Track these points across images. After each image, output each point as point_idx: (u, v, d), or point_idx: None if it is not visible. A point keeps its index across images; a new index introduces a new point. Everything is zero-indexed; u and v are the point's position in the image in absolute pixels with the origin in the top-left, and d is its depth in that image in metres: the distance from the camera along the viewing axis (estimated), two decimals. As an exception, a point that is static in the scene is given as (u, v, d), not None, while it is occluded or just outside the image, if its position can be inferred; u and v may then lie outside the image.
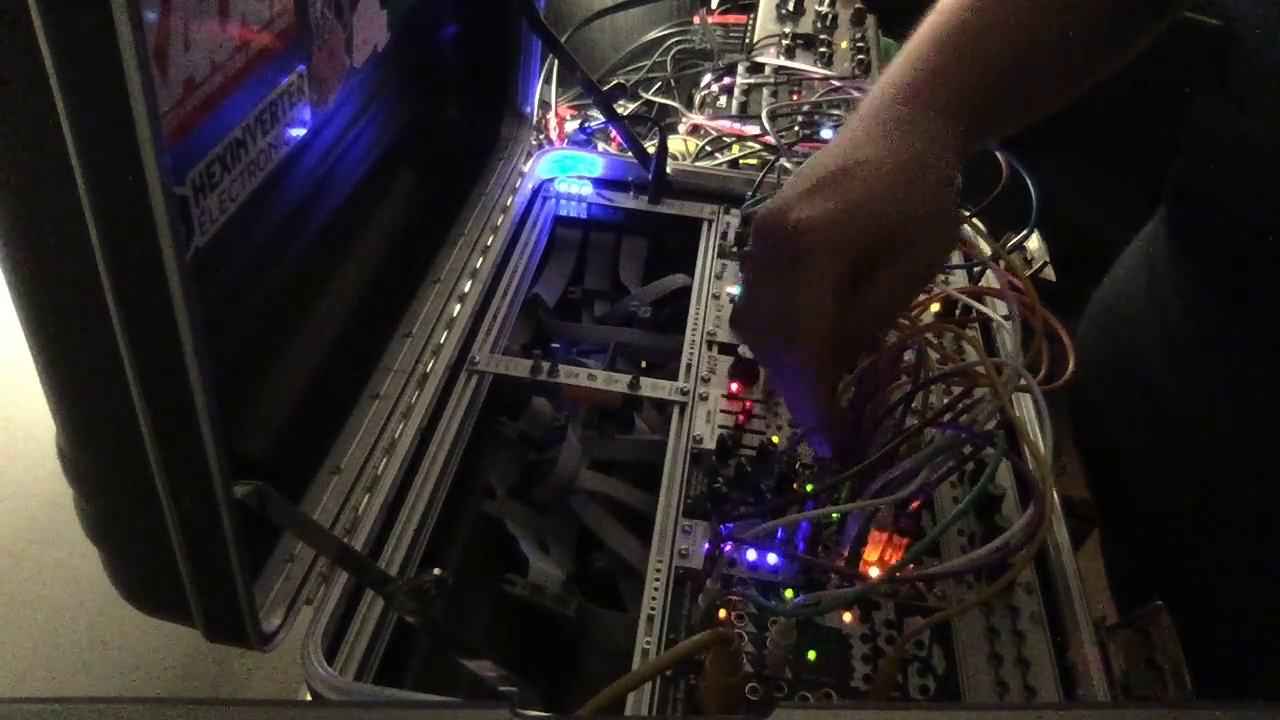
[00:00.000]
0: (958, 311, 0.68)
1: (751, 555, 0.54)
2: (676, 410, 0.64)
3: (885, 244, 0.44)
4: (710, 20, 1.24)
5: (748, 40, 1.16)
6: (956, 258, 0.76)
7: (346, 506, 0.55)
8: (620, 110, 0.95)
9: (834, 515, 0.54)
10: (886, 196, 0.43)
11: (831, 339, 0.43)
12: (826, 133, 0.93)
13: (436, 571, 0.45)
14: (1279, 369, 0.56)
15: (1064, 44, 0.49)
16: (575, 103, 1.06)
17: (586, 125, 0.98)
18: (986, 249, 0.69)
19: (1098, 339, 0.74)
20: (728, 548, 0.54)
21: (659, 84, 1.15)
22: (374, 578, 0.47)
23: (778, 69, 1.09)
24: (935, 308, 0.69)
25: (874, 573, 0.52)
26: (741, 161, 0.92)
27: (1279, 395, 0.56)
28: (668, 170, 0.83)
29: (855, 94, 1.00)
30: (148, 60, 0.29)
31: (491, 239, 0.77)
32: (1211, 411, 0.61)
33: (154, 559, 0.41)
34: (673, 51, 1.18)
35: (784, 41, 1.13)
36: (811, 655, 0.49)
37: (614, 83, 1.04)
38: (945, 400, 0.58)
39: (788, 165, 0.83)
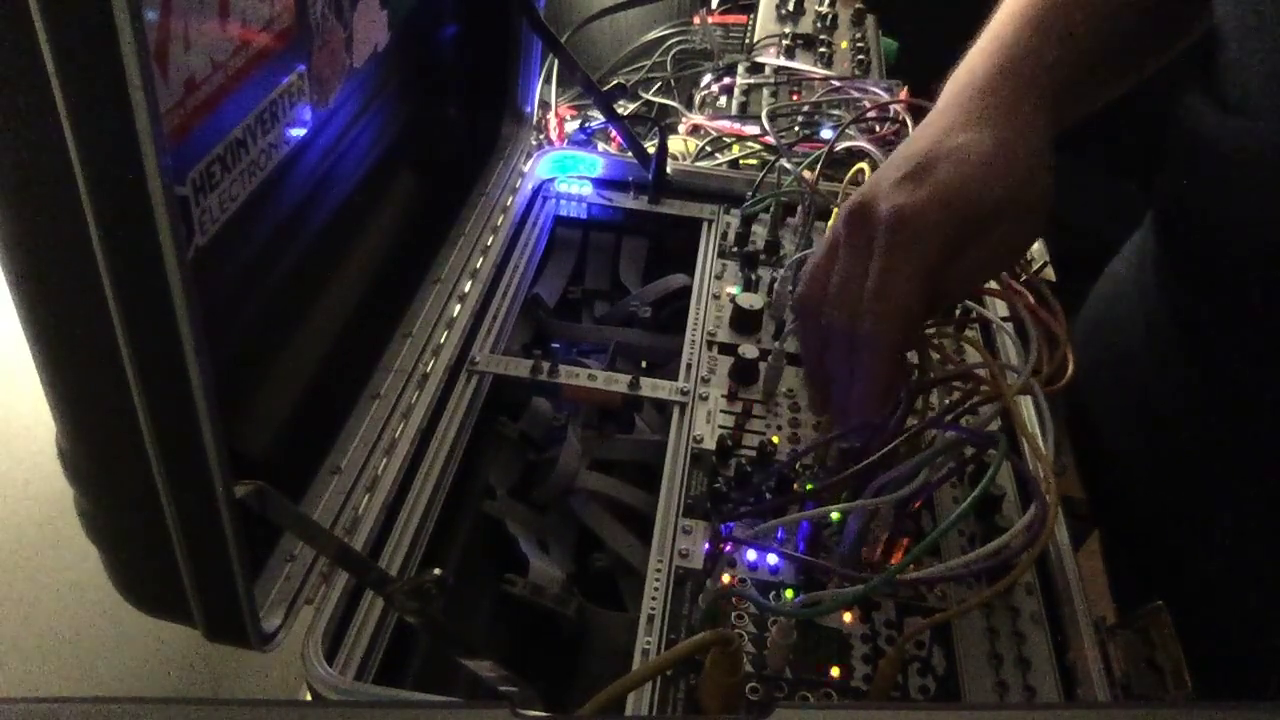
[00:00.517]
0: (958, 312, 0.68)
1: (751, 555, 0.54)
2: (676, 410, 0.64)
3: (976, 227, 0.44)
4: (710, 20, 1.24)
5: (748, 40, 1.16)
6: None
7: (346, 506, 0.55)
8: (620, 110, 0.95)
9: (834, 515, 0.54)
10: (978, 182, 0.44)
11: (920, 320, 0.45)
12: (826, 133, 0.93)
13: (436, 571, 0.45)
14: (1263, 370, 0.56)
15: (1140, 22, 0.50)
16: (575, 103, 1.06)
17: (586, 125, 0.98)
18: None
19: (1091, 341, 0.74)
20: (728, 548, 0.54)
21: (659, 84, 1.15)
22: (374, 578, 0.47)
23: (778, 69, 1.09)
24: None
25: (874, 573, 0.52)
26: (741, 162, 0.92)
27: (1264, 396, 0.56)
28: (668, 170, 0.83)
29: (855, 94, 1.00)
30: (148, 60, 0.29)
31: (491, 239, 0.77)
32: (1199, 413, 0.61)
33: (154, 559, 0.41)
34: (673, 51, 1.18)
35: (784, 41, 1.13)
36: (835, 672, 0.49)
37: (614, 83, 1.04)
38: (946, 401, 0.58)
39: (787, 165, 0.83)
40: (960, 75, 0.49)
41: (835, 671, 0.49)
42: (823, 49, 1.12)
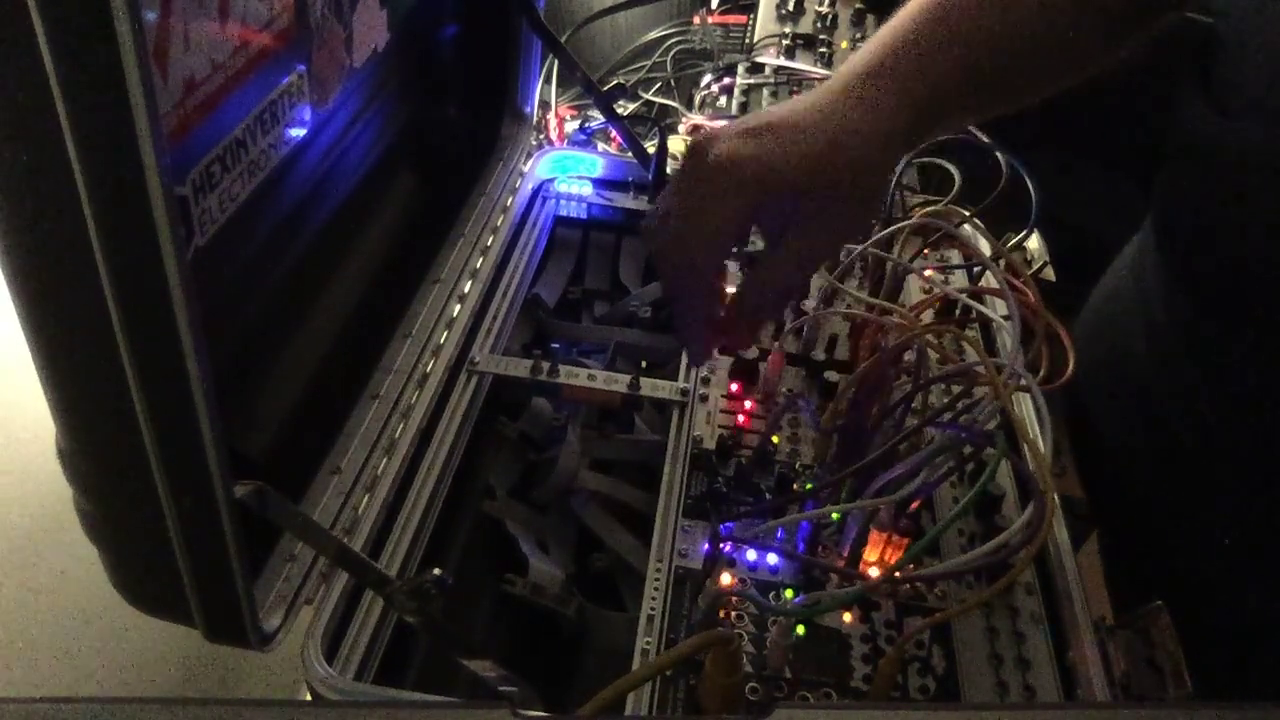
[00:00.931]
0: (958, 311, 0.68)
1: (751, 555, 0.54)
2: (676, 410, 0.64)
3: (789, 204, 0.46)
4: (710, 20, 1.24)
5: (748, 40, 1.16)
6: (956, 258, 0.77)
7: (346, 506, 0.55)
8: (620, 110, 0.95)
9: (834, 515, 0.54)
10: (797, 162, 0.45)
11: (719, 256, 0.48)
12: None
13: (436, 571, 0.45)
14: (1262, 370, 0.56)
15: (1043, 42, 0.49)
16: (575, 103, 1.06)
17: (586, 125, 0.98)
18: (986, 249, 0.70)
19: (1091, 341, 0.74)
20: (728, 548, 0.54)
21: (659, 84, 1.15)
22: (374, 578, 0.47)
23: (778, 69, 1.09)
24: (935, 308, 0.69)
25: (874, 573, 0.52)
26: (741, 161, 0.92)
27: (1264, 396, 0.56)
28: (668, 170, 0.83)
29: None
30: (148, 60, 0.29)
31: (491, 239, 0.77)
32: (1199, 413, 0.61)
33: (154, 559, 0.41)
34: (673, 51, 1.18)
35: (784, 41, 1.13)
36: (800, 630, 0.50)
37: (614, 83, 1.04)
38: (945, 400, 0.58)
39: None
40: (851, 59, 0.50)
41: (835, 671, 0.49)
42: (823, 49, 1.12)
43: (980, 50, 0.48)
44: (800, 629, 0.50)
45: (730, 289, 0.73)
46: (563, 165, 0.85)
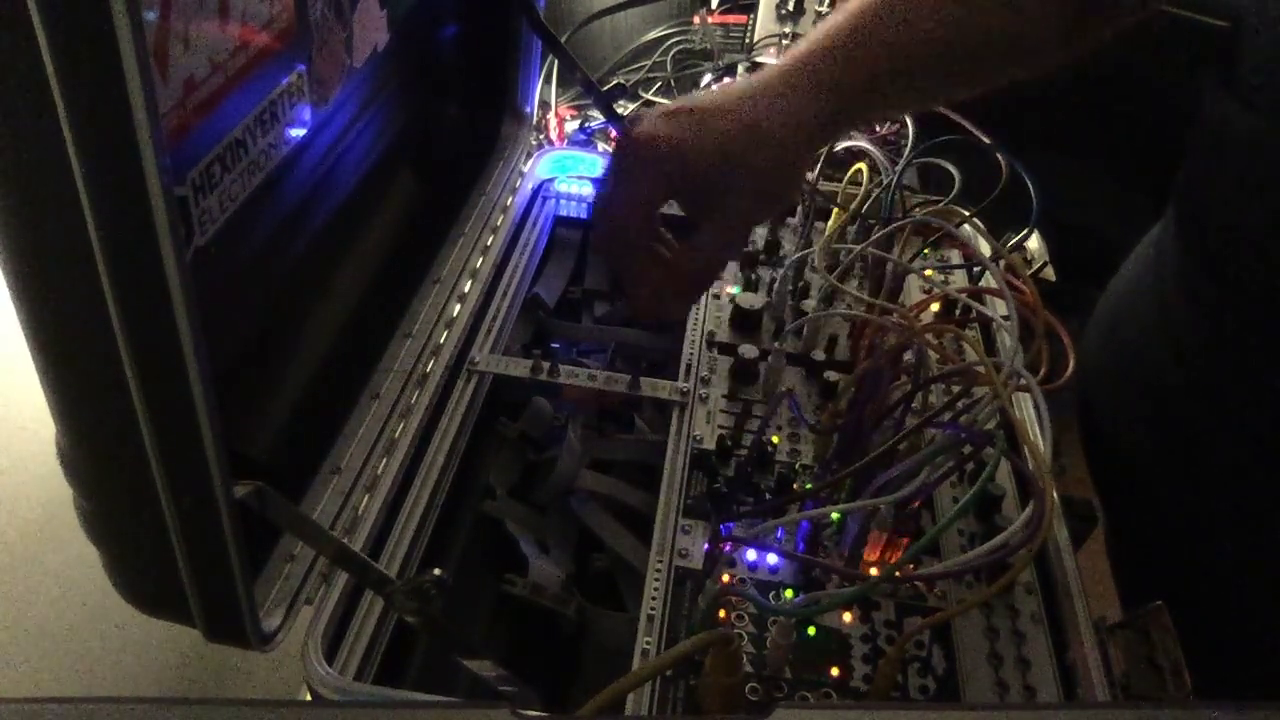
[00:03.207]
0: (958, 311, 0.68)
1: (751, 555, 0.54)
2: (676, 410, 0.64)
3: (703, 182, 0.48)
4: (710, 20, 1.24)
5: (748, 40, 1.16)
6: (956, 258, 0.77)
7: (346, 506, 0.55)
8: (620, 110, 0.95)
9: (834, 515, 0.54)
10: (709, 145, 0.48)
11: (639, 223, 0.50)
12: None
13: (436, 571, 0.45)
14: None
15: (971, 39, 0.50)
16: (575, 103, 1.06)
17: (586, 125, 0.98)
18: (986, 249, 0.70)
19: (1105, 340, 0.74)
20: (728, 548, 0.54)
21: (659, 84, 1.15)
22: (374, 578, 0.47)
23: (778, 69, 1.09)
24: (935, 308, 0.69)
25: (874, 572, 0.52)
26: (741, 161, 0.92)
27: None
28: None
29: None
30: (148, 60, 0.29)
31: (491, 239, 0.77)
32: (1218, 411, 0.61)
33: (154, 559, 0.41)
34: (673, 51, 1.18)
35: (784, 41, 1.13)
36: (811, 631, 0.50)
37: (614, 83, 1.04)
38: (945, 400, 0.58)
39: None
40: (781, 56, 0.51)
41: (835, 671, 0.49)
42: (823, 49, 1.12)
43: (907, 45, 0.49)
44: (811, 630, 0.50)
45: (731, 289, 0.74)
46: (563, 165, 0.85)
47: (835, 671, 0.49)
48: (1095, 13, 0.52)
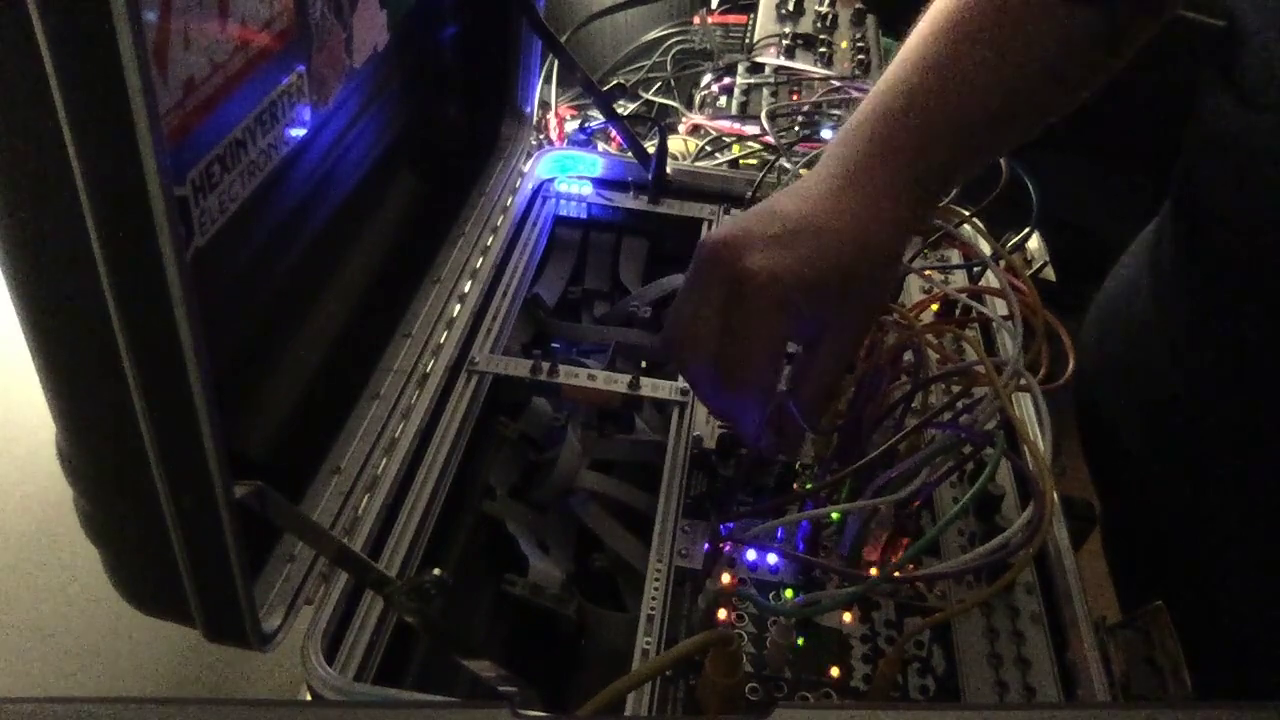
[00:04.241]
0: (958, 311, 0.68)
1: (751, 555, 0.54)
2: (676, 410, 0.64)
3: (830, 304, 0.46)
4: (710, 20, 1.24)
5: (748, 40, 1.16)
6: (956, 257, 0.77)
7: (346, 506, 0.55)
8: (620, 110, 0.95)
9: (834, 515, 0.54)
10: (834, 272, 0.45)
11: (777, 374, 0.48)
12: (826, 133, 0.93)
13: (436, 571, 0.45)
14: None
15: (1040, 79, 0.49)
16: (575, 103, 1.06)
17: (586, 125, 0.98)
18: (986, 249, 0.69)
19: (1101, 338, 0.74)
20: (728, 548, 0.54)
21: (659, 84, 1.15)
22: (374, 578, 0.47)
23: (778, 69, 1.09)
24: (935, 307, 0.69)
25: (874, 572, 0.52)
26: (741, 161, 0.92)
27: None
28: (668, 170, 0.83)
29: (855, 94, 1.00)
30: (148, 60, 0.29)
31: (491, 239, 0.77)
32: (1215, 410, 0.61)
33: (154, 559, 0.41)
34: (673, 51, 1.18)
35: (784, 41, 1.13)
36: (800, 641, 0.50)
37: (614, 83, 1.04)
38: (945, 400, 0.58)
39: (787, 165, 0.83)
40: (847, 139, 0.49)
41: (835, 671, 0.49)
42: (823, 49, 1.12)
43: (971, 116, 0.48)
44: (800, 641, 0.50)
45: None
46: (563, 165, 0.85)
47: (835, 671, 0.49)
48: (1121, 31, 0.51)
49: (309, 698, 0.46)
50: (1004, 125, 0.50)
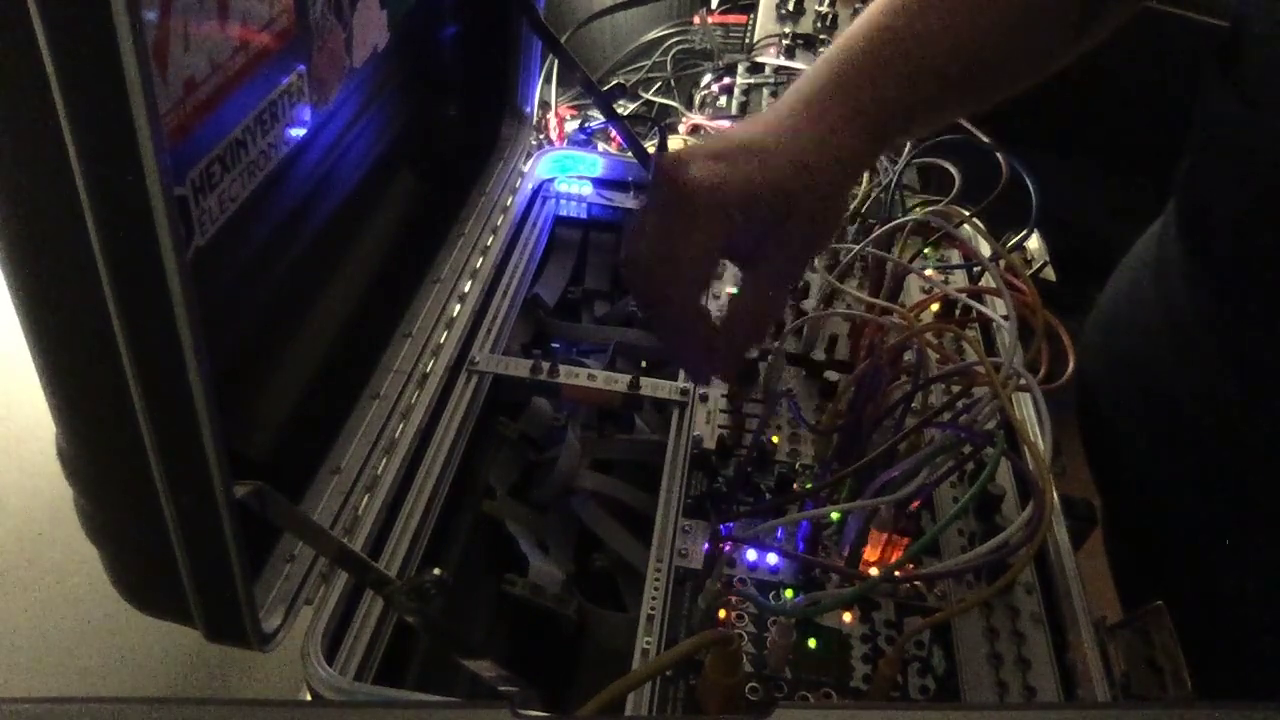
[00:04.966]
0: (957, 311, 0.68)
1: (751, 555, 0.54)
2: (676, 410, 0.64)
3: (764, 224, 0.46)
4: (710, 20, 1.24)
5: (748, 40, 1.16)
6: (956, 258, 0.76)
7: (346, 506, 0.55)
8: (620, 110, 0.95)
9: (834, 515, 0.54)
10: (771, 188, 0.46)
11: (702, 285, 0.47)
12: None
13: (436, 571, 0.45)
14: None
15: (993, 47, 0.50)
16: (575, 103, 1.06)
17: (586, 125, 0.98)
18: (986, 249, 0.69)
19: (1105, 338, 0.74)
20: (728, 548, 0.54)
21: (659, 84, 1.15)
22: (374, 578, 0.47)
23: (778, 69, 1.09)
24: (935, 308, 0.69)
25: (874, 572, 0.52)
26: (741, 161, 0.92)
27: None
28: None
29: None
30: (148, 60, 0.29)
31: (491, 239, 0.77)
32: (1223, 410, 0.61)
33: (154, 559, 0.41)
34: (673, 51, 1.18)
35: (784, 41, 1.13)
36: (812, 643, 0.50)
37: (614, 83, 1.04)
38: (945, 400, 0.58)
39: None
40: (807, 76, 0.50)
41: (835, 672, 0.49)
42: (823, 49, 1.12)
43: (928, 62, 0.48)
44: (812, 642, 0.50)
45: (730, 290, 0.74)
46: (563, 165, 0.85)
47: (835, 672, 0.49)
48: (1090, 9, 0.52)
49: (309, 698, 0.46)
50: (961, 87, 0.50)
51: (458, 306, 0.70)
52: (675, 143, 0.96)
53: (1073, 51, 0.52)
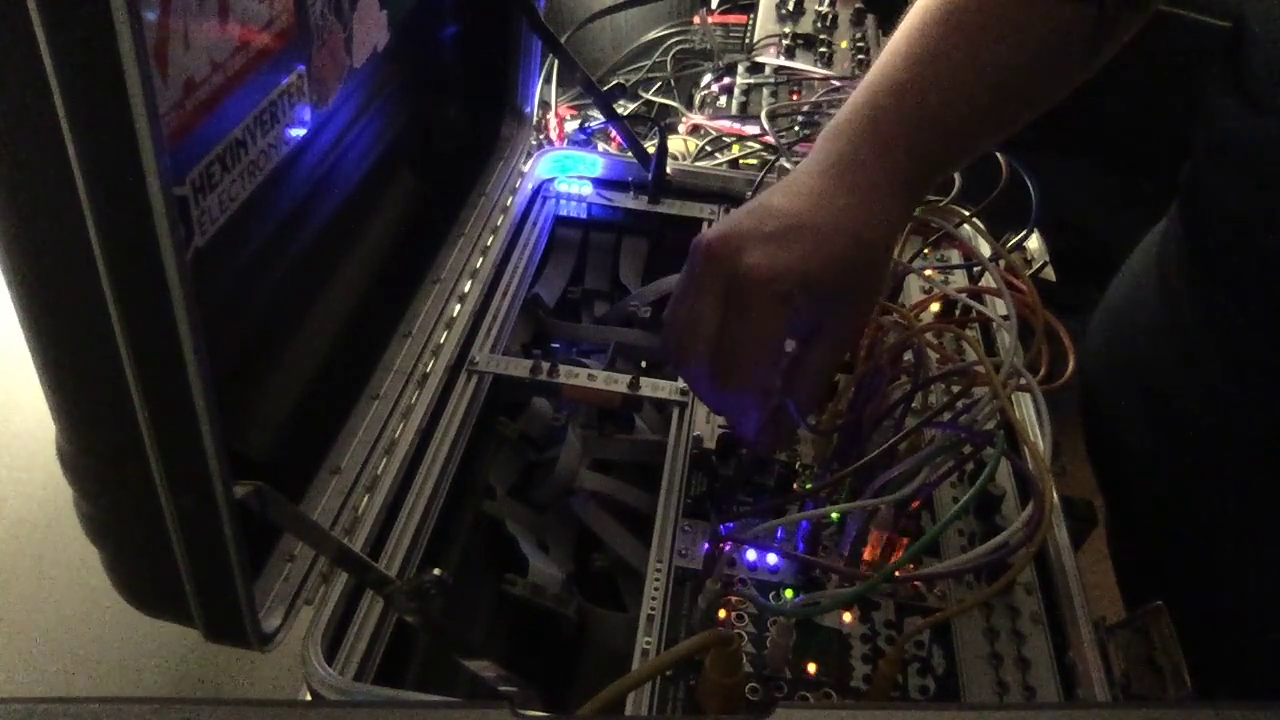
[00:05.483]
0: (958, 311, 0.68)
1: (751, 555, 0.54)
2: (676, 410, 0.64)
3: (826, 302, 0.46)
4: (710, 20, 1.24)
5: (748, 40, 1.16)
6: (956, 257, 0.77)
7: (346, 506, 0.55)
8: (620, 110, 0.95)
9: (834, 515, 0.54)
10: (831, 268, 0.45)
11: (777, 371, 0.47)
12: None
13: (436, 571, 0.45)
14: None
15: (1028, 72, 0.50)
16: (575, 103, 1.06)
17: (586, 125, 0.98)
18: (986, 249, 0.69)
19: (1107, 339, 0.74)
20: (728, 548, 0.54)
21: (659, 84, 1.15)
22: (374, 578, 0.47)
23: (778, 69, 1.09)
24: (935, 308, 0.69)
25: (874, 573, 0.52)
26: (741, 161, 0.92)
27: None
28: (668, 170, 0.84)
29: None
30: (148, 60, 0.29)
31: (491, 239, 0.77)
32: (1225, 413, 0.61)
33: (154, 559, 0.41)
34: (673, 51, 1.18)
35: (784, 41, 1.13)
36: (812, 668, 0.49)
37: (614, 83, 1.04)
38: (945, 400, 0.58)
39: (787, 165, 0.83)
40: (841, 133, 0.49)
41: (835, 672, 0.49)
42: (823, 49, 1.12)
43: (955, 110, 0.48)
44: (810, 644, 0.50)
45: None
46: (563, 165, 0.85)
47: (835, 672, 0.49)
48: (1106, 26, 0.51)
49: (309, 698, 0.46)
50: (991, 119, 0.51)
51: (458, 306, 0.70)
52: (675, 143, 0.96)
53: (1093, 65, 0.51)
